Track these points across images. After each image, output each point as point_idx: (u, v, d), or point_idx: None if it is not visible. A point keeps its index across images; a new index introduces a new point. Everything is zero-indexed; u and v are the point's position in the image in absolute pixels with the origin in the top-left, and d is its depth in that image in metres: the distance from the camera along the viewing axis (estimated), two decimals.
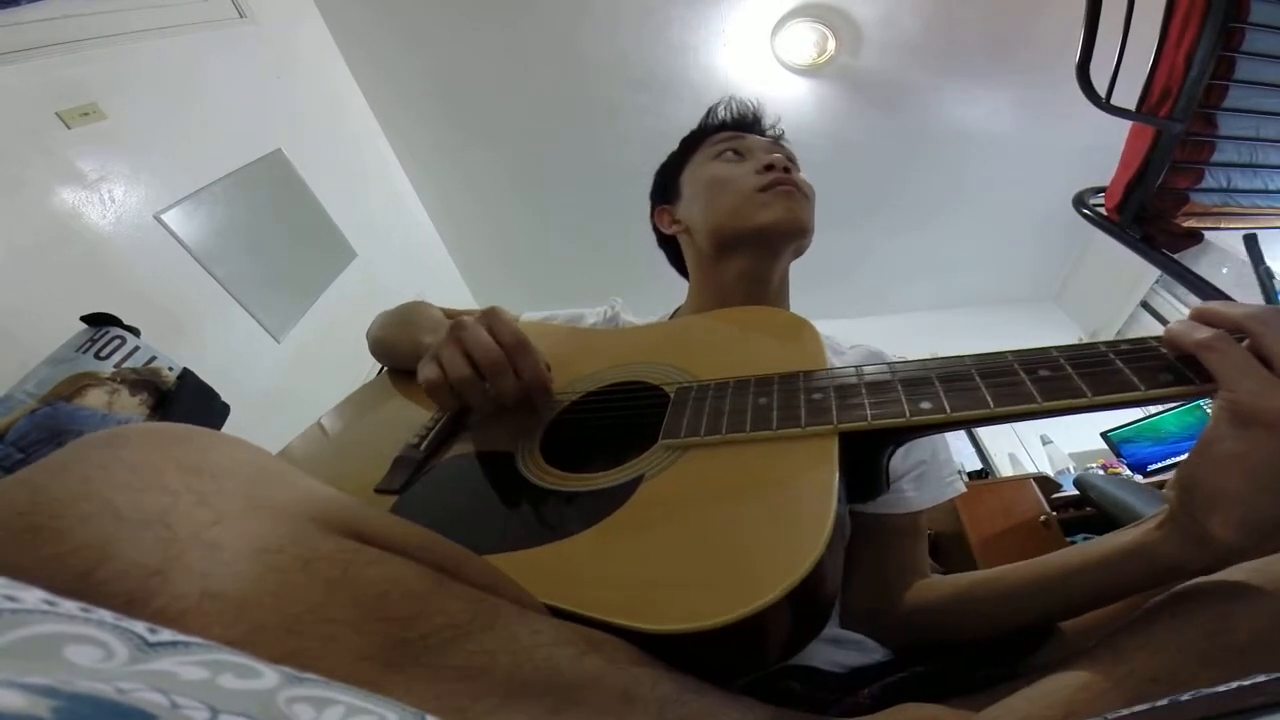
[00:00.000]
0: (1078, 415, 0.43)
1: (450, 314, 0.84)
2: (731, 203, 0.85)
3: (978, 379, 0.46)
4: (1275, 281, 1.61)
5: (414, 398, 0.74)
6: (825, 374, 0.54)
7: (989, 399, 0.45)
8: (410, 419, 0.67)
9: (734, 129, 0.96)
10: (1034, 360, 0.46)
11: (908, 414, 0.46)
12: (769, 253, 0.85)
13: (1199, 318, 0.42)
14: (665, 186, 1.00)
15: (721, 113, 0.99)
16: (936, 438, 0.76)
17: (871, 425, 0.46)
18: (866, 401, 0.48)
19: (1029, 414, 0.43)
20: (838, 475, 0.43)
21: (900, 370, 0.51)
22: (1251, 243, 1.61)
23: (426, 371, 0.60)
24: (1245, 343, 0.40)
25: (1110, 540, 0.50)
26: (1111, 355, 0.44)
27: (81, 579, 0.25)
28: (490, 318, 0.61)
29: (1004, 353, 0.48)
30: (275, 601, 0.28)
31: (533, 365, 0.60)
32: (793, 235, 0.84)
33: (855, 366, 0.53)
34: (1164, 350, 0.43)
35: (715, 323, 0.74)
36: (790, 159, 0.91)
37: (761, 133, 0.96)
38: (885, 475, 0.51)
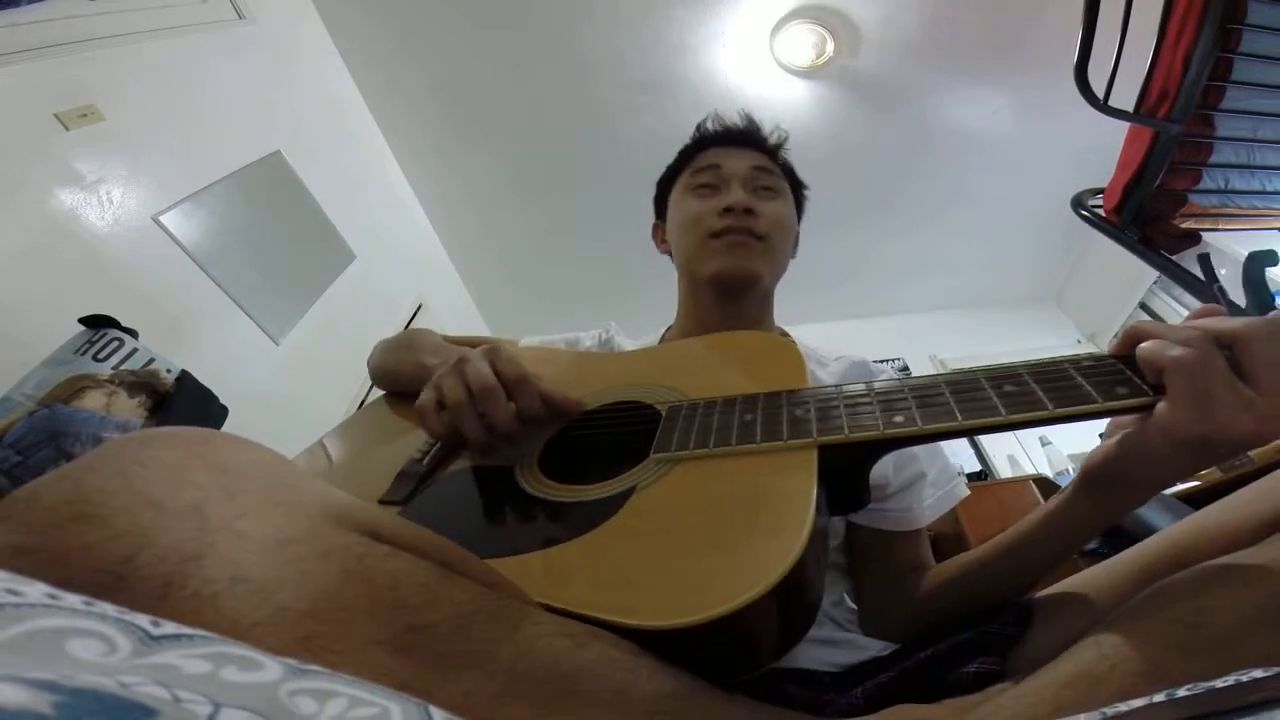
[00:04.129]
0: (1044, 427, 0.46)
1: (451, 340, 0.85)
2: (691, 246, 0.89)
3: (947, 394, 0.50)
4: (1228, 297, 1.63)
5: (413, 419, 0.75)
6: (807, 392, 0.57)
7: (957, 412, 0.48)
8: (410, 439, 0.70)
9: (719, 144, 0.95)
10: (1000, 376, 0.50)
11: (881, 427, 0.49)
12: (729, 297, 0.88)
13: (1165, 336, 0.44)
14: (659, 201, 1.02)
15: (710, 126, 0.98)
16: (932, 450, 0.79)
17: (848, 438, 0.49)
18: (844, 417, 0.52)
19: (995, 426, 0.46)
20: (816, 484, 0.46)
21: (877, 387, 0.54)
22: (1205, 261, 1.62)
23: (425, 397, 0.63)
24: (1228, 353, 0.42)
25: (1047, 508, 0.57)
26: (1072, 370, 0.47)
27: (123, 563, 0.27)
28: (493, 353, 0.63)
29: (974, 370, 0.52)
30: (296, 587, 0.30)
31: (529, 397, 0.62)
32: (738, 285, 0.86)
33: (835, 385, 0.57)
34: (1122, 365, 0.46)
35: (705, 347, 0.78)
36: (771, 187, 0.91)
37: (752, 145, 0.95)
38: (866, 488, 0.53)
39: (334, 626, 0.30)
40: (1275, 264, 1.63)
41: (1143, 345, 0.44)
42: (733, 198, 0.86)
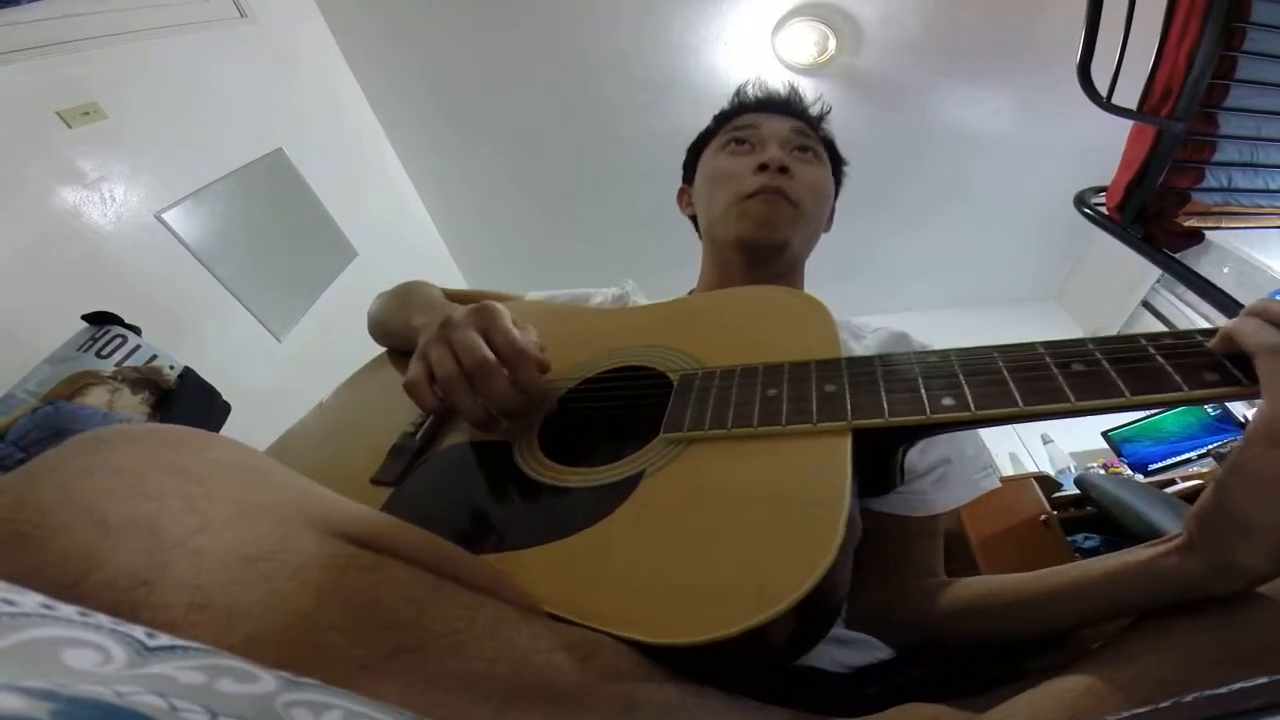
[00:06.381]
0: (1110, 414, 0.40)
1: (451, 294, 0.82)
2: (720, 204, 0.83)
3: (1005, 373, 0.42)
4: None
5: None
6: (839, 364, 0.49)
7: (1018, 396, 0.41)
8: (406, 404, 0.63)
9: (758, 110, 0.90)
10: (1067, 353, 0.42)
11: (928, 411, 0.42)
12: (755, 263, 0.82)
13: (1261, 315, 0.38)
14: (688, 165, 0.97)
15: (750, 91, 0.93)
16: (963, 432, 0.70)
17: (888, 423, 0.43)
18: (884, 396, 0.45)
19: (1060, 413, 0.40)
20: (850, 477, 0.40)
21: (921, 361, 0.47)
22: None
23: (411, 372, 0.56)
24: None
25: (1125, 559, 0.47)
26: (1152, 350, 0.40)
27: (65, 590, 0.24)
28: (484, 318, 0.56)
29: (1033, 344, 0.44)
30: (264, 612, 0.27)
31: (531, 377, 0.55)
32: (765, 250, 0.81)
33: (872, 357, 0.49)
34: (1209, 345, 0.39)
35: (723, 303, 0.69)
36: (810, 149, 0.86)
37: (793, 114, 0.89)
38: (900, 472, 0.47)
39: (310, 651, 0.27)
40: None
41: (1232, 323, 0.38)
42: (769, 155, 0.81)
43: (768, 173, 0.80)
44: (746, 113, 0.90)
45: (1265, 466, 0.36)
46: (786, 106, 0.90)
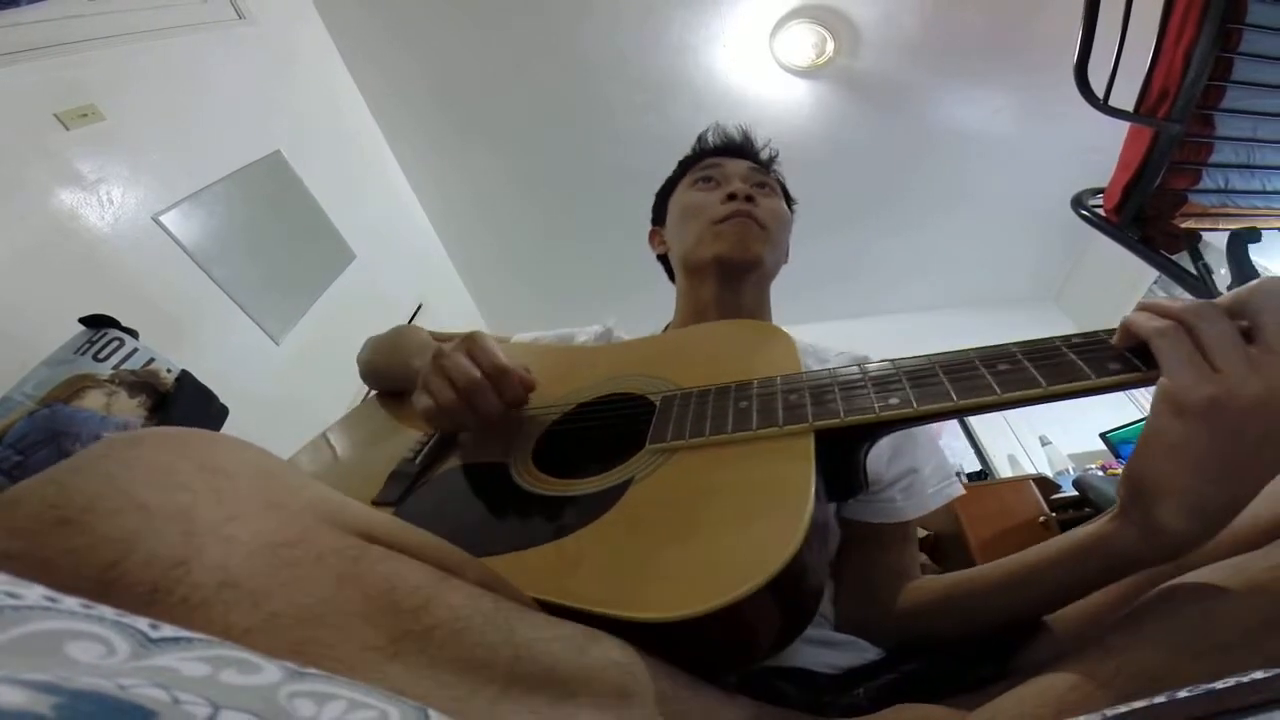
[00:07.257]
0: (1041, 405, 0.46)
1: (438, 336, 0.86)
2: (695, 232, 0.92)
3: (941, 375, 0.50)
4: (1213, 277, 1.64)
5: (404, 418, 0.76)
6: (801, 377, 0.56)
7: (952, 392, 0.47)
8: (402, 438, 0.70)
9: (718, 154, 1.00)
10: (993, 355, 0.50)
11: (876, 410, 0.49)
12: (729, 281, 0.90)
13: (1150, 309, 0.44)
14: (658, 208, 1.06)
15: (710, 138, 1.03)
16: (926, 446, 0.77)
17: (844, 422, 0.49)
18: (839, 400, 0.51)
19: (990, 405, 0.46)
20: (814, 471, 0.45)
21: (871, 370, 0.54)
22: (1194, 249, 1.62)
23: (421, 401, 0.63)
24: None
25: (1072, 535, 0.52)
26: (1064, 348, 0.47)
27: (109, 569, 0.26)
28: (470, 343, 0.64)
29: (967, 350, 0.51)
30: (289, 592, 0.29)
31: (512, 387, 0.63)
32: (741, 267, 0.89)
33: (829, 370, 0.56)
34: (1113, 341, 0.46)
35: (697, 335, 0.79)
36: (767, 184, 0.96)
37: (748, 156, 1.00)
38: (863, 472, 0.52)
39: (327, 632, 0.29)
40: (1257, 241, 1.64)
41: (1127, 317, 0.44)
42: (735, 186, 0.91)
43: (736, 200, 0.89)
44: (708, 156, 1.00)
45: (1172, 436, 0.41)
46: (742, 150, 1.01)
